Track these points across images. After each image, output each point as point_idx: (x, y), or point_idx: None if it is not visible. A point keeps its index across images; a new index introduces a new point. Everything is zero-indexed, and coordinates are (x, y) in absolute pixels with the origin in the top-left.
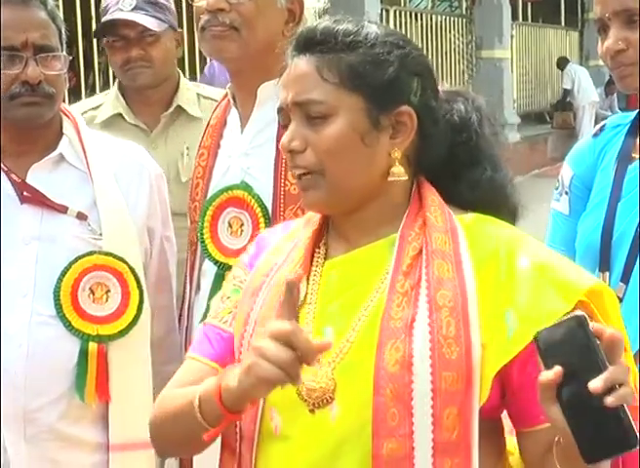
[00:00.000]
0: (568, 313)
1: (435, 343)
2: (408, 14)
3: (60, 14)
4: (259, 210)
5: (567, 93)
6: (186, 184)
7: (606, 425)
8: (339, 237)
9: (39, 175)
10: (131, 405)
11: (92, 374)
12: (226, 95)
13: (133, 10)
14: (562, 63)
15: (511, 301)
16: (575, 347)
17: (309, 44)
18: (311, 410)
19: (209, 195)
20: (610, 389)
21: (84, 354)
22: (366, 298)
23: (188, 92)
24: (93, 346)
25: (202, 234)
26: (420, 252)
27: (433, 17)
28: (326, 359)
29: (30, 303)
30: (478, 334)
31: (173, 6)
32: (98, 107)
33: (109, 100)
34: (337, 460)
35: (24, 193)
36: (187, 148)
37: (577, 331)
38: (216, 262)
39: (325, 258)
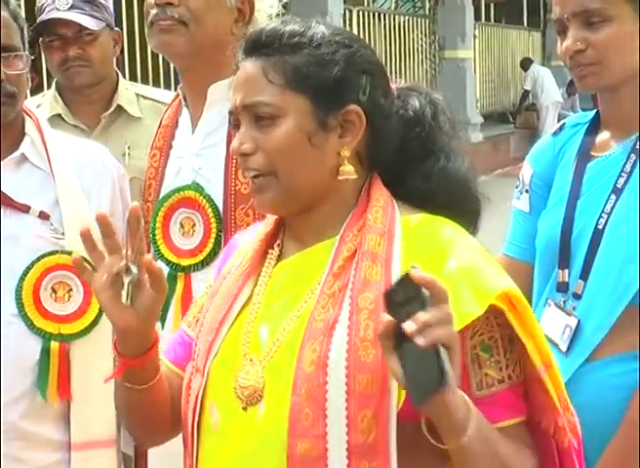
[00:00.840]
0: (480, 317)
1: (352, 345)
2: (371, 14)
3: (22, 13)
4: (210, 210)
5: (527, 94)
6: (130, 183)
7: (424, 366)
8: (293, 238)
9: (1, 175)
10: (92, 403)
11: (53, 373)
12: (177, 95)
13: (70, 9)
14: (525, 64)
15: None
16: (408, 299)
17: (256, 47)
18: (244, 408)
19: (161, 196)
20: None
21: (46, 353)
22: (301, 299)
23: (127, 91)
24: (55, 345)
25: (154, 235)
26: (355, 253)
27: (396, 17)
28: (257, 357)
29: None
30: None
31: (111, 5)
32: (36, 108)
33: (47, 102)
34: (261, 458)
35: None
36: (128, 148)
37: (409, 286)
38: (168, 263)
39: (278, 260)
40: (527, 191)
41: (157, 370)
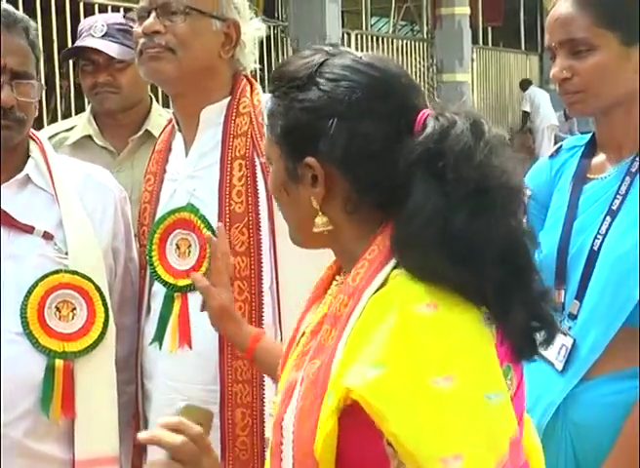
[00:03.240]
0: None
1: (297, 411)
2: (369, 37)
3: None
4: (205, 230)
5: (527, 115)
6: None
7: None
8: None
9: (6, 196)
10: (96, 421)
11: (58, 391)
12: (170, 120)
13: (103, 37)
14: (525, 85)
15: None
16: None
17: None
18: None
19: (156, 218)
20: None
21: (50, 371)
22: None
23: (160, 118)
24: (59, 363)
25: (151, 257)
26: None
27: (395, 41)
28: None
29: None
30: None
31: None
32: (71, 129)
33: (82, 123)
34: None
35: None
36: None
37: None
38: (165, 284)
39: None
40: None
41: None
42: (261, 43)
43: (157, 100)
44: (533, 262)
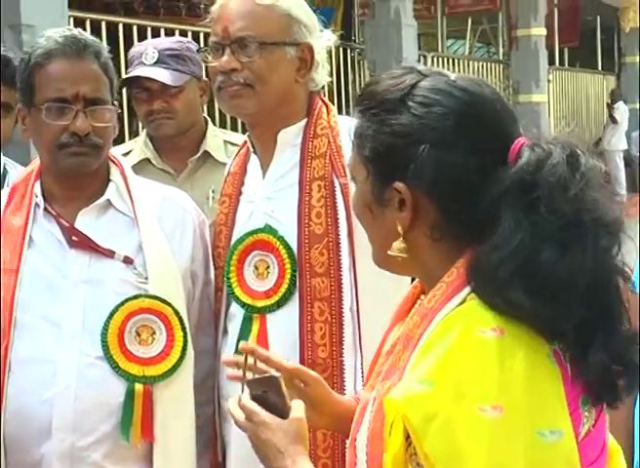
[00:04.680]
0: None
1: (369, 432)
2: (446, 60)
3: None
4: (284, 251)
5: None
6: (211, 227)
7: None
8: None
9: (87, 221)
10: (174, 445)
11: (137, 415)
12: (245, 143)
13: (155, 64)
14: (615, 96)
15: None
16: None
17: (356, 102)
18: None
19: (233, 240)
20: None
21: (130, 395)
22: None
23: (215, 138)
24: (139, 387)
25: (229, 278)
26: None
27: (471, 63)
28: None
29: (78, 345)
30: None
31: (197, 56)
32: (128, 153)
33: (138, 146)
34: None
35: (73, 238)
36: (213, 192)
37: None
38: (243, 305)
39: None
40: None
41: None
42: (338, 65)
43: (212, 121)
44: (622, 302)
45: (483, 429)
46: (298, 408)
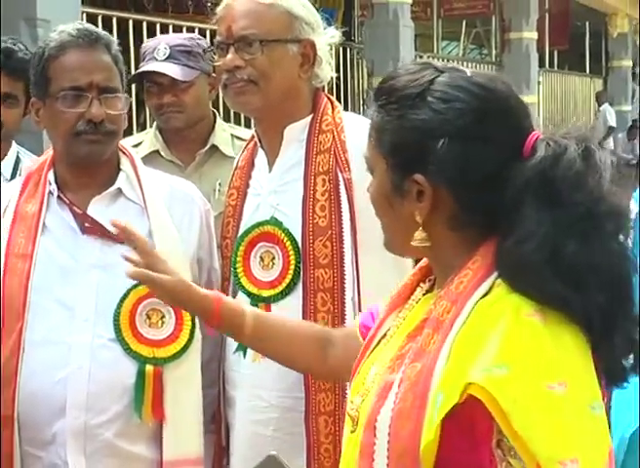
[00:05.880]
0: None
1: (395, 412)
2: (440, 60)
3: None
4: (289, 243)
5: (612, 130)
6: (217, 218)
7: None
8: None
9: (99, 208)
10: (183, 423)
11: (148, 395)
12: (253, 137)
13: (166, 59)
14: (601, 98)
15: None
16: None
17: (374, 96)
18: (352, 431)
19: (240, 231)
20: None
21: (141, 375)
22: (399, 349)
23: (224, 132)
24: (149, 368)
25: (235, 268)
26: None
27: (464, 63)
28: (360, 392)
29: (91, 327)
30: (428, 414)
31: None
32: (138, 145)
33: (148, 138)
34: None
35: (85, 224)
36: (219, 185)
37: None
38: (249, 294)
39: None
40: None
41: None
42: (338, 64)
43: (219, 115)
44: (633, 288)
45: (555, 404)
46: None
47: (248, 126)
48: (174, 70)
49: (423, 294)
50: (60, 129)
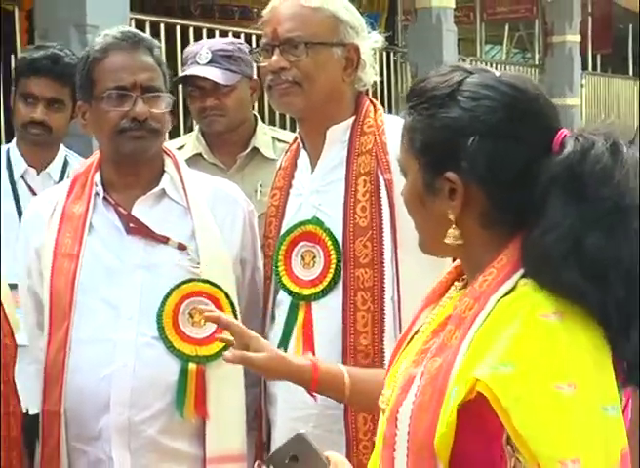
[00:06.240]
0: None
1: (415, 405)
2: (483, 64)
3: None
4: (330, 243)
5: None
6: (260, 219)
7: None
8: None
9: (143, 209)
10: (225, 421)
11: (191, 392)
12: (296, 138)
13: (208, 63)
14: None
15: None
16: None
17: (407, 100)
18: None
19: (282, 231)
20: None
21: (184, 373)
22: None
23: (265, 135)
24: (192, 366)
25: (277, 267)
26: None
27: (507, 67)
28: (391, 385)
29: (135, 325)
30: (444, 408)
31: (248, 56)
32: (181, 148)
33: (191, 141)
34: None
35: (130, 225)
36: (261, 186)
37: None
38: (290, 293)
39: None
40: None
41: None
42: (382, 67)
43: (262, 118)
44: None
45: (561, 405)
46: (334, 454)
47: (294, 129)
48: (216, 74)
49: (457, 292)
50: (106, 128)
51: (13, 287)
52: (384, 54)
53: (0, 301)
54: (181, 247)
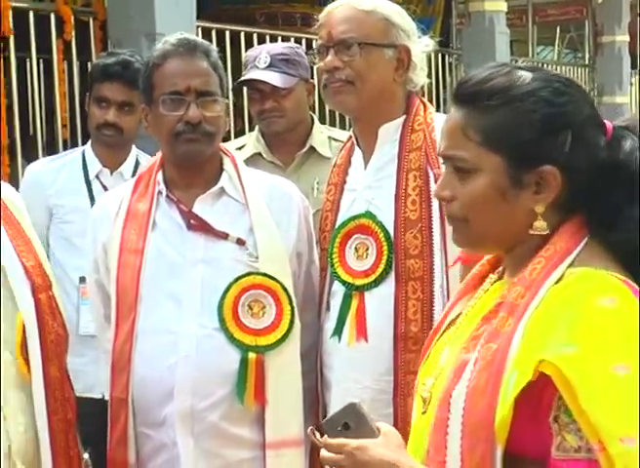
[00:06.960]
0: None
1: (470, 389)
2: (536, 64)
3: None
4: (382, 235)
5: None
6: (316, 215)
7: None
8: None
9: (203, 206)
10: (284, 407)
11: (251, 380)
12: (350, 137)
13: (267, 67)
14: None
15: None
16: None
17: (461, 96)
18: (423, 412)
19: (337, 224)
20: None
21: (244, 362)
22: (473, 332)
23: (321, 134)
24: (252, 355)
25: (332, 259)
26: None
27: (559, 67)
28: (433, 374)
29: (197, 317)
30: (503, 390)
31: (305, 60)
32: (242, 147)
33: (251, 141)
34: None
35: (191, 221)
36: (317, 184)
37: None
38: (344, 283)
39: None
40: None
41: None
42: (437, 69)
43: (322, 119)
44: None
45: (619, 385)
46: (385, 424)
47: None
48: (274, 78)
49: (492, 284)
50: (163, 131)
51: (82, 280)
52: (439, 56)
53: (53, 294)
54: (240, 242)
